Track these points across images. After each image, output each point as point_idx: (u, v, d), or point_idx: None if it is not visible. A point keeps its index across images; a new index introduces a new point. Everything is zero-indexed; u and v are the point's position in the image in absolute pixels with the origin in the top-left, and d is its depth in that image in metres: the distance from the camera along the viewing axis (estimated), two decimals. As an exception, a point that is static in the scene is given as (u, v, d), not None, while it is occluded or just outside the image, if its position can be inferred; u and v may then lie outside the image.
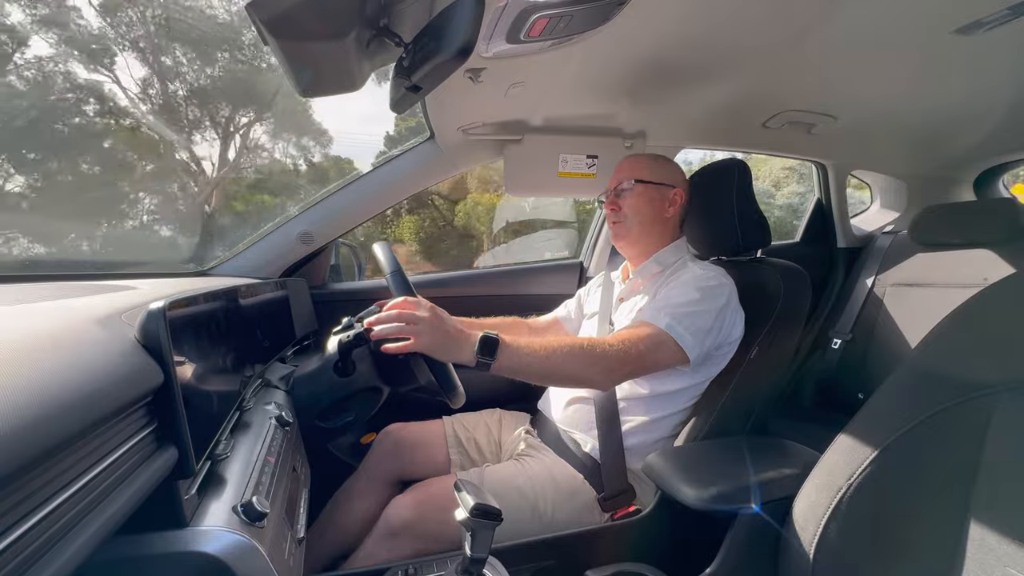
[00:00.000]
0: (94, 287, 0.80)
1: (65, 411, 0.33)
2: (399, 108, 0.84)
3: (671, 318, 0.92)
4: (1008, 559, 0.48)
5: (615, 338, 0.90)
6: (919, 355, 0.66)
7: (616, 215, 1.11)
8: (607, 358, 0.86)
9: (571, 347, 0.86)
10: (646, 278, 1.11)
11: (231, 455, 0.61)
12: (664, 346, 0.91)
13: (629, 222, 1.10)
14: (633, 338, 0.90)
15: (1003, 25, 0.84)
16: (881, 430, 0.63)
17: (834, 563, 0.63)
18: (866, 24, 0.88)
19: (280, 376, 0.99)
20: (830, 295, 1.82)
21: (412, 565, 0.76)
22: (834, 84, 1.15)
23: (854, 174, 1.93)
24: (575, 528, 0.94)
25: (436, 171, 1.45)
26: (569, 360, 0.85)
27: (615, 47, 0.94)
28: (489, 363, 0.80)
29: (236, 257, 1.36)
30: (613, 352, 0.87)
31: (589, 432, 1.04)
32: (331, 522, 1.07)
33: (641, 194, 1.09)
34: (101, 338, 0.45)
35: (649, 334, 0.91)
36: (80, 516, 0.34)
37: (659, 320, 0.93)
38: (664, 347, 0.91)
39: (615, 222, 1.12)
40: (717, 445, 0.96)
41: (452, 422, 1.22)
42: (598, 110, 1.29)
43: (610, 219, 1.13)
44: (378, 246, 1.00)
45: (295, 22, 0.62)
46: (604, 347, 0.87)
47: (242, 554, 0.47)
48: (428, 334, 0.79)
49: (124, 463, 0.40)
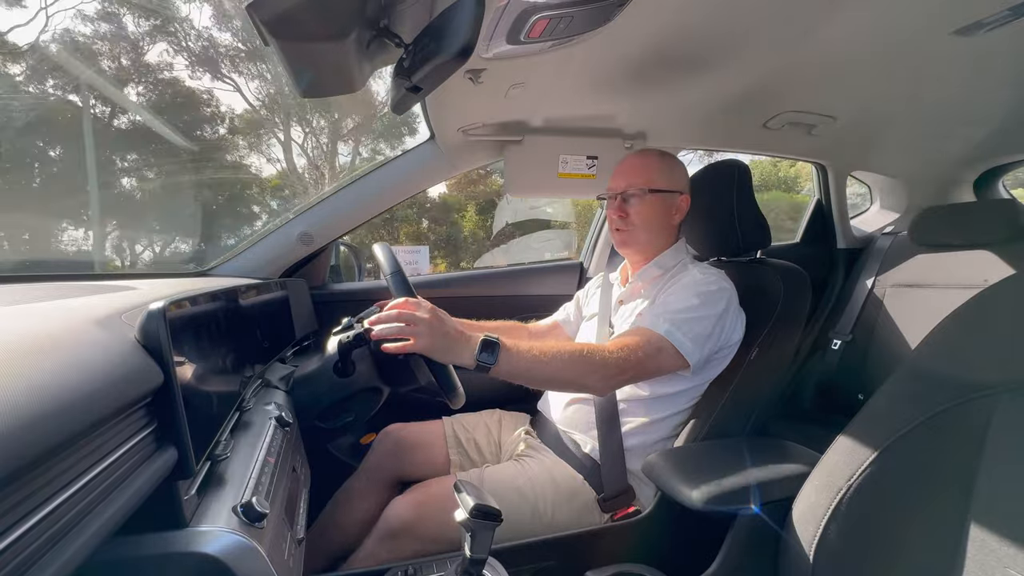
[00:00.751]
0: (93, 287, 0.80)
1: (65, 411, 0.33)
2: (399, 109, 0.84)
3: (671, 324, 0.92)
4: (1008, 560, 0.48)
5: (615, 344, 0.90)
6: (919, 356, 0.66)
7: (623, 222, 1.08)
8: (607, 365, 0.86)
9: (572, 353, 0.85)
10: (646, 281, 1.10)
11: (231, 455, 0.61)
12: (664, 352, 0.91)
13: (637, 231, 1.07)
14: (633, 345, 0.90)
15: (1003, 26, 0.84)
16: (881, 431, 0.63)
17: (834, 564, 0.63)
18: (866, 25, 0.88)
19: (280, 376, 0.99)
20: (830, 296, 1.82)
21: (412, 566, 0.76)
22: (834, 85, 1.15)
23: (854, 175, 1.93)
24: (575, 529, 0.94)
25: (436, 172, 1.45)
26: (569, 366, 0.84)
27: (615, 48, 0.94)
28: (489, 366, 0.80)
29: (236, 257, 1.36)
30: (613, 359, 0.87)
31: (589, 433, 1.04)
32: (331, 522, 1.07)
33: (652, 204, 1.06)
34: (101, 338, 0.45)
35: (649, 340, 0.91)
36: (80, 516, 0.34)
37: (659, 326, 0.92)
38: (664, 353, 0.91)
39: (621, 229, 1.09)
40: (717, 446, 0.96)
41: (452, 423, 1.22)
42: (598, 111, 1.29)
43: (614, 224, 1.10)
44: (378, 247, 1.00)
45: (295, 23, 0.62)
46: (604, 354, 0.87)
47: (242, 555, 0.47)
48: (428, 335, 0.79)
49: (124, 463, 0.40)
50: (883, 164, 1.83)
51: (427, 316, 0.80)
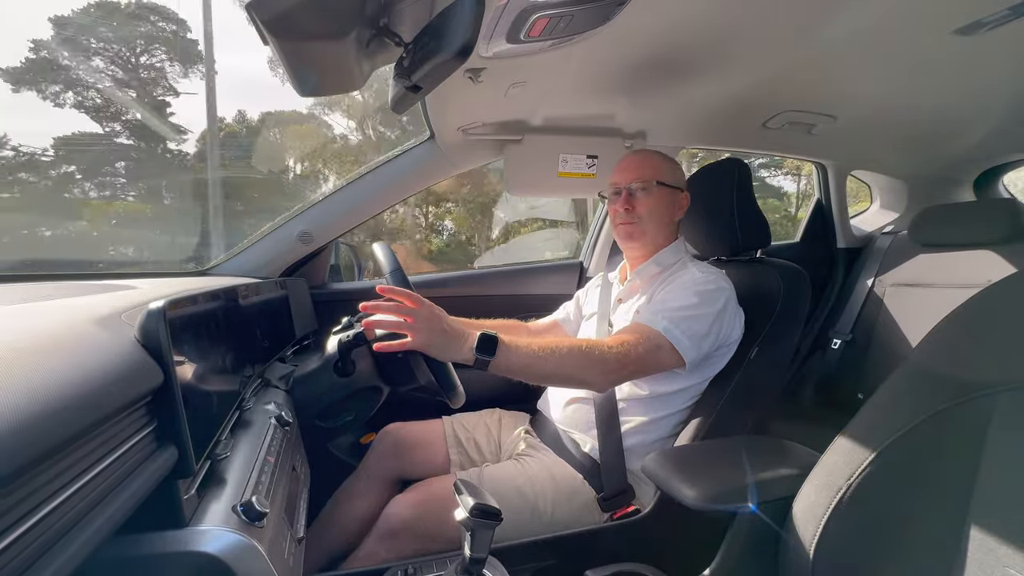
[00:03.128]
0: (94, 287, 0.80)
1: (65, 411, 0.33)
2: (399, 108, 0.84)
3: (668, 321, 0.92)
4: (1008, 559, 0.48)
5: (613, 340, 0.90)
6: (919, 355, 0.66)
7: (630, 215, 1.08)
8: (605, 361, 0.87)
9: (570, 349, 0.86)
10: (645, 279, 1.11)
11: (231, 455, 0.61)
12: (662, 350, 0.91)
13: (645, 224, 1.08)
14: (631, 341, 0.90)
15: (1003, 25, 0.84)
16: (881, 430, 0.63)
17: (834, 563, 0.63)
18: (866, 24, 0.88)
19: (280, 376, 0.99)
20: (830, 295, 1.82)
21: (412, 565, 0.76)
22: (834, 84, 1.15)
23: (854, 174, 1.93)
24: (575, 528, 0.94)
25: (436, 171, 1.45)
26: (568, 361, 0.85)
27: (615, 47, 0.94)
28: (487, 361, 0.80)
29: (236, 257, 1.36)
30: (612, 355, 0.87)
31: (588, 432, 1.04)
32: (331, 522, 1.07)
33: (660, 197, 1.07)
34: (101, 338, 0.45)
35: (647, 337, 0.91)
36: (80, 516, 0.34)
37: (657, 323, 0.93)
38: (662, 351, 0.91)
39: (628, 223, 1.09)
40: (717, 445, 0.96)
41: (452, 422, 1.22)
42: (598, 110, 1.29)
43: (620, 219, 1.10)
44: (378, 246, 1.00)
45: (295, 22, 0.62)
46: (603, 349, 0.88)
47: (242, 554, 0.47)
48: (426, 332, 0.79)
49: (124, 463, 0.40)
50: (883, 163, 1.83)
51: (426, 313, 0.80)
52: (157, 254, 11.71)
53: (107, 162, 12.61)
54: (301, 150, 13.81)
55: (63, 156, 12.15)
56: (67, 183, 12.60)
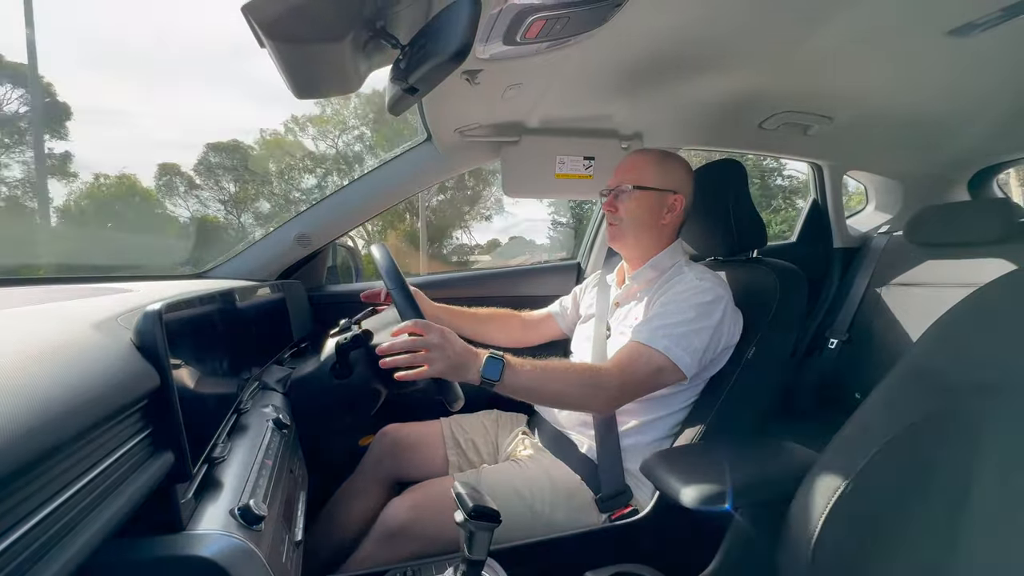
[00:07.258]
0: (90, 290, 0.80)
1: (61, 415, 0.33)
2: (396, 110, 0.84)
3: (668, 340, 0.93)
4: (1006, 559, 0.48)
5: (616, 367, 0.92)
6: (915, 354, 0.66)
7: (613, 216, 1.11)
8: (607, 388, 0.89)
9: (576, 375, 0.89)
10: (641, 283, 1.11)
11: (228, 458, 0.61)
12: (663, 371, 0.93)
13: (624, 225, 1.09)
14: (634, 366, 0.92)
15: (996, 27, 0.85)
16: (878, 430, 0.63)
17: (832, 563, 0.63)
18: (860, 26, 0.88)
19: (277, 378, 0.99)
20: (826, 295, 1.82)
21: (410, 567, 0.76)
22: (829, 85, 1.15)
23: (850, 174, 1.93)
24: (573, 529, 0.94)
25: (433, 173, 1.45)
26: (573, 389, 0.88)
27: (612, 49, 0.94)
28: (493, 382, 0.82)
29: (233, 259, 1.36)
30: (616, 383, 0.90)
31: (586, 433, 1.04)
32: (329, 524, 1.07)
33: (639, 200, 1.07)
34: (97, 341, 0.44)
35: (647, 360, 0.93)
36: (76, 520, 0.34)
37: (656, 342, 0.93)
38: (663, 372, 0.93)
39: (611, 224, 1.12)
40: (714, 445, 0.96)
41: (450, 423, 1.22)
42: (595, 111, 1.30)
43: (607, 220, 1.13)
44: (376, 248, 1.00)
45: (292, 24, 0.62)
46: (607, 377, 0.90)
47: (239, 558, 0.47)
48: (441, 360, 0.80)
49: (121, 467, 0.40)
50: (878, 164, 1.84)
51: (437, 340, 0.81)
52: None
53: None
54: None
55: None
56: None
